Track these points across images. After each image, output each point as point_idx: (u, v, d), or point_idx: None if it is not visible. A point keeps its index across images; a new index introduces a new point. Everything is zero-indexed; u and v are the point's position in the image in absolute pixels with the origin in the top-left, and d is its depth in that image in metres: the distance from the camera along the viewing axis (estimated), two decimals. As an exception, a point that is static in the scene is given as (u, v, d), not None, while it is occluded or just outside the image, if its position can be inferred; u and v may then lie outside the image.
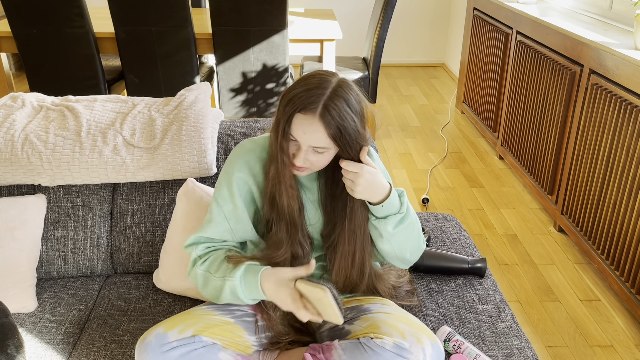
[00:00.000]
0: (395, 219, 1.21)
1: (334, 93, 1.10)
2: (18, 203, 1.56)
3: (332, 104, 1.09)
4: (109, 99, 1.78)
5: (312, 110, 1.09)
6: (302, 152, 1.13)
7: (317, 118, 1.09)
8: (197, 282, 1.26)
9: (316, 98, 1.09)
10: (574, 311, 2.19)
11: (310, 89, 1.10)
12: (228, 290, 1.21)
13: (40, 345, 1.38)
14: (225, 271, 1.21)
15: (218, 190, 1.28)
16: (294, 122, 1.11)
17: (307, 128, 1.10)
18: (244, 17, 2.82)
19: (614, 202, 2.20)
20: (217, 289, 1.22)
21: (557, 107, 2.66)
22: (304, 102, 1.09)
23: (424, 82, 5.02)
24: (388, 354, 1.12)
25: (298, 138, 1.12)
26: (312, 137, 1.11)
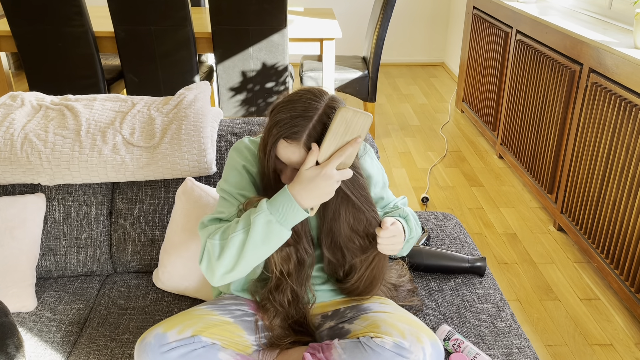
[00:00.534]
0: (407, 246, 1.31)
1: (319, 121, 1.08)
2: (17, 202, 1.56)
3: (315, 131, 1.08)
4: (109, 98, 1.78)
5: (297, 139, 1.08)
6: (288, 170, 1.16)
7: (302, 146, 1.09)
8: (212, 255, 1.12)
9: (301, 127, 1.08)
10: (573, 310, 2.19)
11: (295, 117, 1.08)
12: (259, 229, 1.08)
13: (40, 345, 1.38)
14: (246, 218, 1.10)
15: (225, 179, 1.26)
16: (279, 146, 1.11)
17: (292, 155, 1.11)
18: (243, 16, 2.82)
19: (613, 201, 2.20)
20: (240, 245, 1.10)
21: (556, 106, 2.66)
22: (289, 130, 1.08)
23: (424, 81, 5.02)
24: (388, 353, 1.12)
25: (283, 159, 1.13)
26: (297, 161, 1.12)
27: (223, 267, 1.13)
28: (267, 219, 1.09)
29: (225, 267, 1.13)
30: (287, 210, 1.09)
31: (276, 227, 1.09)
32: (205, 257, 1.15)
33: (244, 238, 1.10)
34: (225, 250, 1.12)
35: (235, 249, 1.11)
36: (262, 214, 1.09)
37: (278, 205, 1.09)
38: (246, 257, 1.11)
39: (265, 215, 1.09)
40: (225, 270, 1.14)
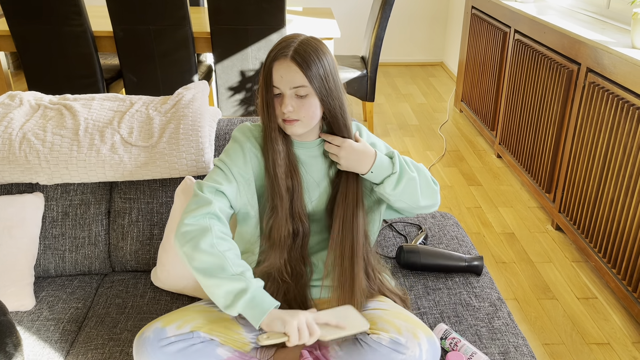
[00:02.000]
0: (391, 181, 1.25)
1: (304, 41, 1.21)
2: (16, 201, 1.56)
3: (302, 48, 1.19)
4: (107, 98, 1.78)
5: (285, 55, 1.18)
6: (287, 98, 1.20)
7: (289, 60, 1.18)
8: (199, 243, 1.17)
9: (287, 45, 1.19)
10: (571, 309, 2.20)
11: (281, 42, 1.21)
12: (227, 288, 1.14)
13: (38, 343, 1.38)
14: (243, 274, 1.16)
15: (226, 153, 1.29)
16: (273, 72, 1.19)
17: (283, 71, 1.19)
18: (242, 15, 2.82)
19: (611, 200, 2.21)
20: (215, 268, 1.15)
21: (554, 105, 2.67)
22: (277, 52, 1.19)
23: (423, 81, 5.02)
24: (384, 349, 1.12)
25: (278, 84, 1.20)
26: (289, 78, 1.18)
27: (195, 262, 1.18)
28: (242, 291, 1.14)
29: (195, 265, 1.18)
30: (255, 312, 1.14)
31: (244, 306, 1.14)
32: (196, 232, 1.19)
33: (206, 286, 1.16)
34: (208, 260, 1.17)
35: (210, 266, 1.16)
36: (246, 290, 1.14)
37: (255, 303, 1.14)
38: (204, 281, 1.17)
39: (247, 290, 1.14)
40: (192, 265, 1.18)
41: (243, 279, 1.15)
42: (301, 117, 1.22)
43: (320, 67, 1.19)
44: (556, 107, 2.65)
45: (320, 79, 1.19)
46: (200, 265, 1.16)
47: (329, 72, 1.21)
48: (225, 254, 1.17)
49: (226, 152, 1.30)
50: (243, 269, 1.17)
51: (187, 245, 1.18)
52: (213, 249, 1.17)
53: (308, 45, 1.19)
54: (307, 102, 1.21)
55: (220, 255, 1.16)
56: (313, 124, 1.25)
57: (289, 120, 1.22)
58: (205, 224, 1.19)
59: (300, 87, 1.19)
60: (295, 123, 1.22)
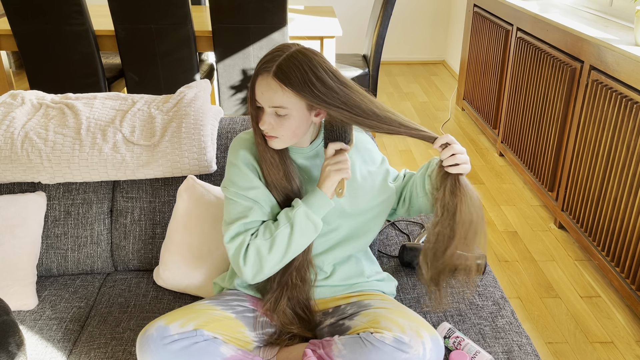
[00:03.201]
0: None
1: (290, 55, 1.16)
2: (18, 201, 1.56)
3: (286, 62, 1.14)
4: (109, 97, 1.78)
5: (267, 70, 1.16)
6: (265, 114, 1.19)
7: (271, 77, 1.15)
8: (261, 253, 1.21)
9: (272, 59, 1.16)
10: (574, 308, 2.19)
11: (268, 54, 1.18)
12: (299, 223, 1.20)
13: (40, 343, 1.38)
14: (283, 218, 1.21)
15: (231, 182, 1.27)
16: (256, 86, 1.18)
17: (264, 88, 1.17)
18: (243, 14, 2.82)
19: (614, 199, 2.20)
20: (287, 237, 1.21)
21: (557, 103, 2.66)
22: (262, 65, 1.17)
23: (424, 79, 5.01)
24: (388, 348, 1.12)
25: (259, 100, 1.19)
26: (268, 96, 1.16)
27: (273, 261, 1.22)
28: (305, 212, 1.21)
29: (275, 260, 1.22)
30: (317, 202, 1.22)
31: (312, 217, 1.21)
32: (253, 256, 1.22)
33: (289, 231, 1.21)
34: (274, 245, 1.21)
35: (284, 242, 1.21)
36: (299, 208, 1.21)
37: (310, 199, 1.23)
38: (291, 247, 1.22)
39: (302, 209, 1.21)
40: (274, 263, 1.22)
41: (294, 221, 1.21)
42: (279, 135, 1.20)
43: (307, 81, 1.13)
44: (559, 105, 2.64)
45: (305, 87, 1.14)
46: (281, 258, 1.22)
47: (316, 78, 1.14)
48: (273, 236, 1.21)
49: (230, 179, 1.27)
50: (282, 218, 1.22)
51: (263, 269, 1.23)
52: (271, 244, 1.21)
53: (294, 60, 1.14)
54: (286, 121, 1.18)
55: (273, 244, 1.21)
56: (295, 141, 1.23)
57: (269, 136, 1.21)
58: (253, 249, 1.22)
59: (279, 107, 1.16)
60: (275, 139, 1.21)
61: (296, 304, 1.28)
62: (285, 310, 1.27)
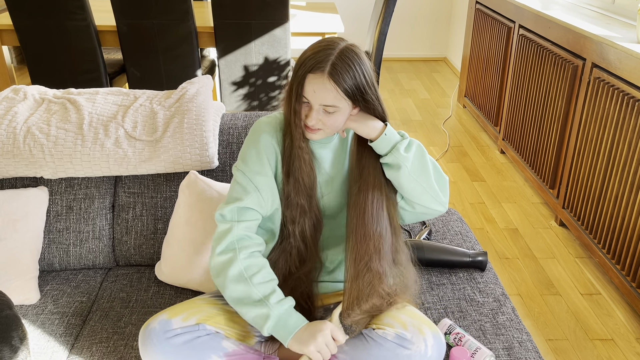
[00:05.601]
0: (403, 145, 1.22)
1: (342, 52, 1.15)
2: (20, 195, 1.57)
3: (340, 62, 1.14)
4: (111, 92, 1.78)
5: (321, 69, 1.14)
6: (313, 112, 1.17)
7: (326, 76, 1.13)
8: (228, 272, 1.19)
9: (324, 58, 1.14)
10: (574, 305, 2.20)
11: (318, 51, 1.15)
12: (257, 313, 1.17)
13: (43, 337, 1.38)
14: (267, 298, 1.17)
15: (244, 161, 1.26)
16: (306, 83, 1.15)
17: (317, 87, 1.15)
18: (245, 10, 2.82)
19: (615, 196, 2.20)
20: (245, 298, 1.18)
21: (559, 101, 2.66)
22: (313, 63, 1.14)
23: (426, 76, 5.01)
24: (390, 344, 1.12)
25: (309, 98, 1.16)
26: (321, 95, 1.15)
27: (222, 287, 1.20)
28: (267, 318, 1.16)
29: (222, 289, 1.21)
30: (280, 332, 1.16)
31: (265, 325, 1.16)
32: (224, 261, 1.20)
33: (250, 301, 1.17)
34: (238, 284, 1.19)
35: (241, 294, 1.18)
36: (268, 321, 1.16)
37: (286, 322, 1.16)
38: (237, 308, 1.19)
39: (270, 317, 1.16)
40: (220, 288, 1.21)
41: (266, 304, 1.16)
42: (324, 128, 1.20)
43: (358, 83, 1.15)
44: (561, 102, 2.64)
45: (358, 92, 1.16)
46: (231, 294, 1.19)
47: (367, 83, 1.17)
48: (252, 280, 1.18)
49: (243, 158, 1.27)
50: (267, 293, 1.17)
51: (219, 278, 1.21)
52: (241, 276, 1.18)
53: (346, 60, 1.14)
54: (333, 117, 1.18)
55: (247, 281, 1.18)
56: (334, 133, 1.24)
57: (313, 129, 1.20)
58: (230, 254, 1.20)
59: (331, 106, 1.16)
60: (318, 132, 1.21)
61: (299, 295, 1.29)
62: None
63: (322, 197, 1.30)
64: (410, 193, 1.26)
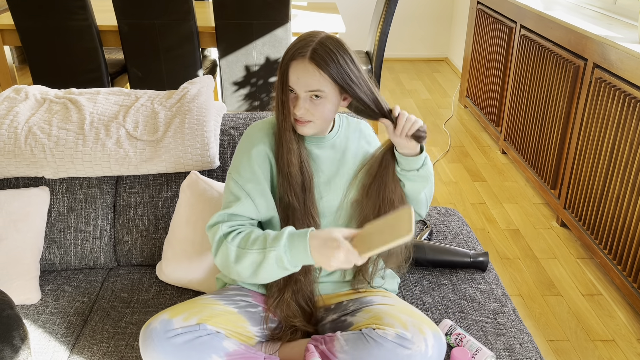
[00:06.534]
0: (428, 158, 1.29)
1: (322, 40, 1.18)
2: (21, 195, 1.57)
3: (321, 47, 1.16)
4: (112, 92, 1.78)
5: (302, 55, 1.16)
6: (300, 100, 1.18)
7: (307, 60, 1.16)
8: (229, 259, 1.18)
9: (305, 44, 1.17)
10: (575, 305, 2.19)
11: (299, 41, 1.19)
12: (272, 261, 1.14)
13: (44, 337, 1.38)
14: (265, 242, 1.16)
15: (236, 169, 1.26)
16: (290, 71, 1.17)
17: (300, 72, 1.16)
18: (246, 10, 2.82)
19: (616, 197, 2.20)
20: (255, 263, 1.16)
21: (560, 101, 2.65)
22: (294, 51, 1.17)
23: (427, 77, 5.01)
24: (390, 344, 1.12)
25: (294, 86, 1.18)
26: (305, 80, 1.16)
27: (239, 274, 1.19)
28: (280, 256, 1.14)
29: (241, 275, 1.19)
30: (299, 255, 1.14)
31: (286, 264, 1.15)
32: (222, 256, 1.19)
33: (259, 260, 1.16)
34: (241, 261, 1.17)
35: (250, 265, 1.17)
36: (277, 250, 1.14)
37: (294, 248, 1.14)
38: (259, 275, 1.17)
39: (279, 252, 1.14)
40: (241, 276, 1.19)
41: (266, 250, 1.15)
42: (314, 119, 1.21)
43: (340, 66, 1.16)
44: (562, 103, 2.63)
45: (342, 76, 1.17)
46: (246, 273, 1.18)
47: (350, 68, 1.17)
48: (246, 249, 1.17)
49: (235, 167, 1.27)
50: (261, 243, 1.16)
51: (230, 272, 1.20)
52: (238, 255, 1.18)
53: (327, 45, 1.16)
54: (321, 104, 1.19)
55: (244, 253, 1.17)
56: (325, 125, 1.24)
57: (301, 121, 1.21)
58: (222, 249, 1.20)
59: (316, 91, 1.17)
60: (308, 124, 1.21)
61: (300, 297, 1.29)
62: (289, 303, 1.28)
63: (320, 199, 1.29)
64: (414, 199, 1.34)
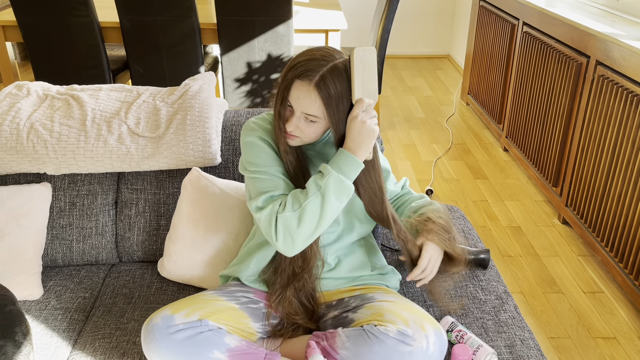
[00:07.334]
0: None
1: (334, 67, 1.14)
2: (24, 191, 1.57)
3: (330, 76, 1.13)
4: (114, 88, 1.78)
5: (310, 78, 1.13)
6: (294, 118, 1.18)
7: (313, 86, 1.14)
8: (291, 226, 1.16)
9: (316, 68, 1.14)
10: (577, 303, 2.19)
11: (312, 59, 1.15)
12: (332, 191, 1.14)
13: (46, 332, 1.39)
14: (312, 187, 1.16)
15: (250, 162, 1.25)
16: (292, 88, 1.16)
17: (302, 94, 1.15)
18: (248, 7, 2.81)
19: (618, 195, 2.19)
20: (318, 207, 1.15)
21: (562, 98, 2.65)
22: (304, 70, 1.14)
23: (429, 74, 5.00)
24: (391, 340, 1.12)
25: (292, 103, 1.17)
26: (304, 103, 1.15)
27: (305, 233, 1.17)
28: (337, 178, 1.15)
29: (307, 232, 1.17)
30: (350, 165, 1.16)
31: (345, 182, 1.16)
32: (282, 231, 1.17)
33: (321, 200, 1.15)
34: (304, 216, 1.16)
35: (315, 213, 1.16)
36: (331, 175, 1.15)
37: (341, 164, 1.16)
38: (325, 216, 1.16)
39: (334, 175, 1.15)
40: (307, 234, 1.17)
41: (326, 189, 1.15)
42: (302, 137, 1.21)
43: (341, 102, 1.15)
44: (564, 100, 2.63)
45: (338, 113, 1.15)
46: (309, 228, 1.17)
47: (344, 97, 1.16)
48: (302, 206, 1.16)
49: (249, 160, 1.26)
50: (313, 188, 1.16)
51: (295, 240, 1.18)
52: (294, 215, 1.16)
53: (337, 74, 1.14)
54: (312, 127, 1.19)
55: (300, 208, 1.16)
56: (310, 142, 1.24)
57: (290, 135, 1.21)
58: (280, 222, 1.17)
59: (312, 116, 1.16)
60: (295, 138, 1.21)
61: (302, 293, 1.29)
62: (291, 299, 1.28)
63: None
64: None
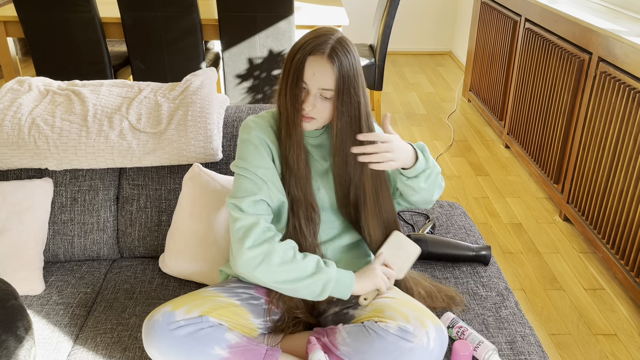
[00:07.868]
0: (425, 175, 1.28)
1: (341, 39, 1.19)
2: (25, 187, 1.57)
3: (339, 46, 1.17)
4: (115, 84, 1.78)
5: (322, 51, 1.16)
6: (310, 96, 1.19)
7: (326, 58, 1.16)
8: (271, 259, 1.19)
9: (325, 41, 1.17)
10: (578, 300, 2.20)
11: (318, 36, 1.19)
12: (321, 281, 1.20)
13: (47, 327, 1.39)
14: (312, 262, 1.21)
15: (244, 160, 1.26)
16: (306, 66, 1.17)
17: (317, 69, 1.17)
18: (250, 2, 2.81)
19: (620, 192, 2.19)
20: (301, 276, 1.19)
21: (564, 95, 2.64)
22: (314, 46, 1.17)
23: (431, 70, 4.99)
24: (392, 337, 1.13)
25: (308, 81, 1.18)
26: (320, 77, 1.17)
27: (271, 276, 1.19)
28: (327, 281, 1.21)
29: (274, 278, 1.19)
30: (347, 285, 1.23)
31: (331, 289, 1.22)
32: (261, 253, 1.19)
33: (308, 273, 1.20)
34: (286, 267, 1.19)
35: (295, 276, 1.19)
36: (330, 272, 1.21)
37: (341, 276, 1.23)
38: (297, 289, 1.20)
39: (333, 280, 1.22)
40: (271, 279, 1.20)
41: (322, 271, 1.20)
42: (318, 117, 1.22)
43: (351, 70, 1.18)
44: (566, 97, 2.62)
45: (348, 84, 1.18)
46: (283, 277, 1.19)
47: (357, 74, 1.20)
48: (296, 258, 1.20)
49: (241, 157, 1.27)
50: (315, 263, 1.21)
51: (259, 269, 1.19)
52: (284, 260, 1.19)
53: (345, 45, 1.18)
54: (328, 104, 1.20)
55: (293, 261, 1.19)
56: (324, 124, 1.26)
57: (307, 117, 1.21)
58: (265, 245, 1.19)
59: (328, 90, 1.18)
60: (311, 121, 1.22)
61: None
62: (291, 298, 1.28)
63: (318, 190, 1.30)
64: (409, 201, 1.36)
